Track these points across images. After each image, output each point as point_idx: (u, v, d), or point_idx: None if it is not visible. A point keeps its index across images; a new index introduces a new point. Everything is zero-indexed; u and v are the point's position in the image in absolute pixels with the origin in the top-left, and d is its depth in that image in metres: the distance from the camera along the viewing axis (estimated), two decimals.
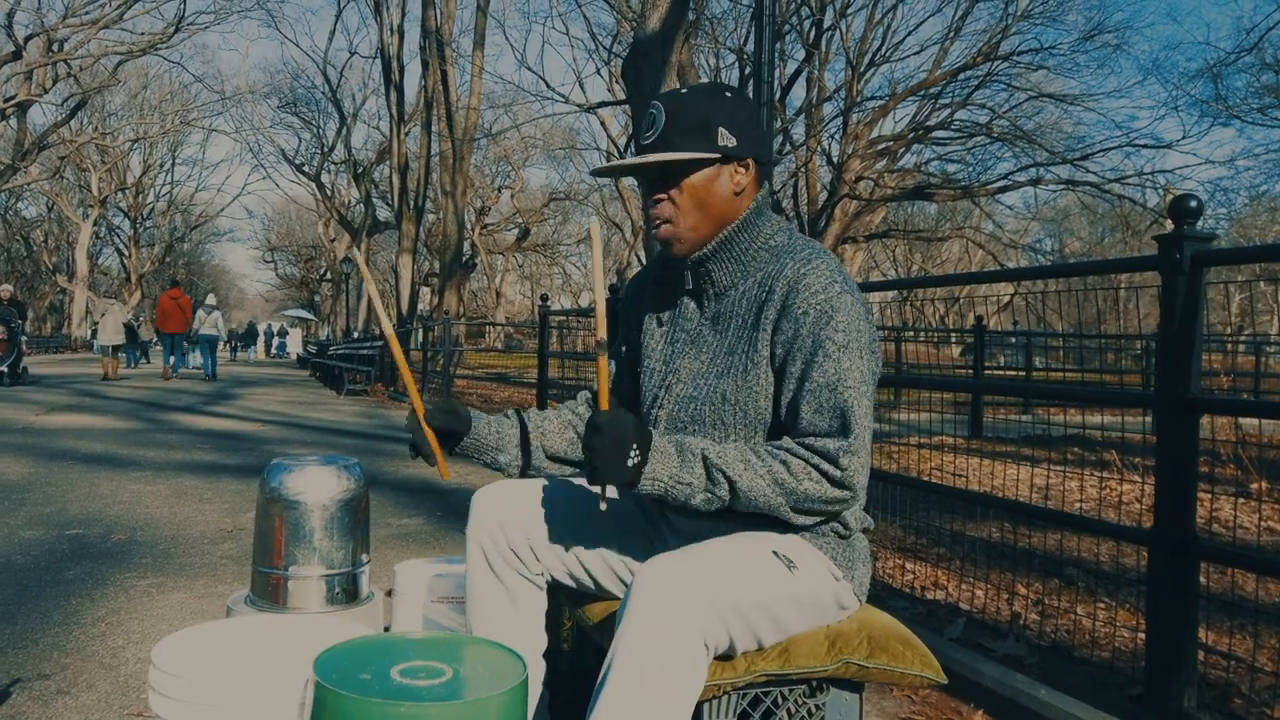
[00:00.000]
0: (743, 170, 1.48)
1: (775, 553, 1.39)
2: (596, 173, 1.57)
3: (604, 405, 1.32)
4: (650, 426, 1.52)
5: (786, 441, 1.37)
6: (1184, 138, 23.61)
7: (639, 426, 1.30)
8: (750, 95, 1.49)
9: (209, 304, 17.56)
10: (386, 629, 2.16)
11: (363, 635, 1.31)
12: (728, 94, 1.49)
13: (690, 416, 1.48)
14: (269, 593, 2.00)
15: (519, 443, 1.62)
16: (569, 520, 1.59)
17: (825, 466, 1.33)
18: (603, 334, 1.30)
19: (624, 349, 1.72)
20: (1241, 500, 4.77)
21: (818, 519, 1.40)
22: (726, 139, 1.45)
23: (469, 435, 1.58)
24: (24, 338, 14.05)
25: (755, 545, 1.39)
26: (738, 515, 1.40)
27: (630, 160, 1.48)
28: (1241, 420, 5.27)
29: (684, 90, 1.49)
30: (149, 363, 23.54)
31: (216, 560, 3.61)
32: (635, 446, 1.28)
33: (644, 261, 17.47)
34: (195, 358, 19.44)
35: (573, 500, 1.62)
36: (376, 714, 1.04)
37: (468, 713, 1.07)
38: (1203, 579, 2.39)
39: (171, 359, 16.46)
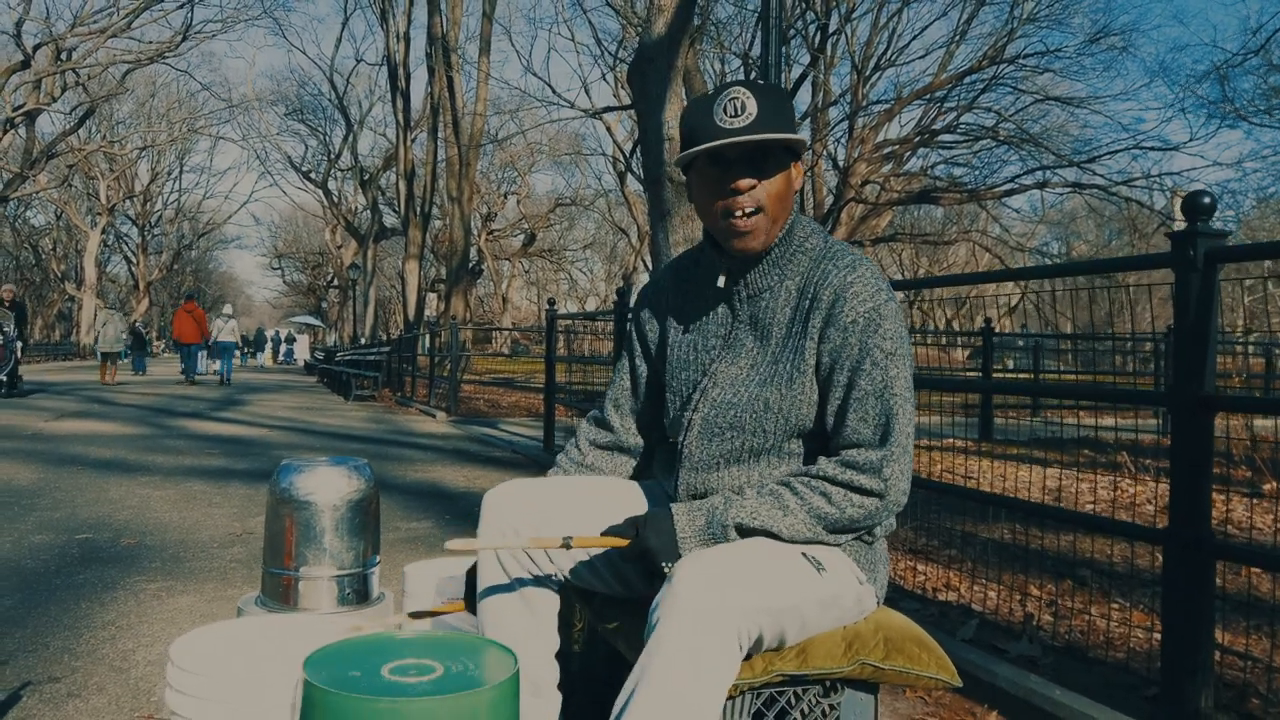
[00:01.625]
0: (799, 170, 1.46)
1: (804, 555, 1.38)
2: (686, 156, 1.42)
3: (618, 544, 1.41)
4: (682, 432, 1.52)
5: (824, 465, 1.37)
6: (1191, 140, 23.41)
7: (659, 536, 1.35)
8: None
9: (226, 313, 18.61)
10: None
11: (355, 635, 1.30)
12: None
13: (729, 423, 1.46)
14: (280, 593, 2.00)
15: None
16: (581, 520, 1.58)
17: (864, 482, 1.34)
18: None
19: (640, 363, 1.69)
20: (1255, 501, 4.74)
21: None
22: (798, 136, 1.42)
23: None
24: (19, 344, 12.47)
25: (785, 547, 1.39)
26: None
27: (761, 135, 1.35)
28: (1254, 421, 5.24)
29: (759, 80, 1.49)
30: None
31: (226, 564, 3.61)
32: (665, 564, 1.34)
33: (650, 267, 17.41)
34: (212, 364, 20.66)
35: (585, 500, 1.61)
36: (361, 710, 1.04)
37: (451, 706, 1.06)
38: (1218, 580, 2.37)
39: (191, 365, 17.22)
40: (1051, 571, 3.45)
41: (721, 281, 1.51)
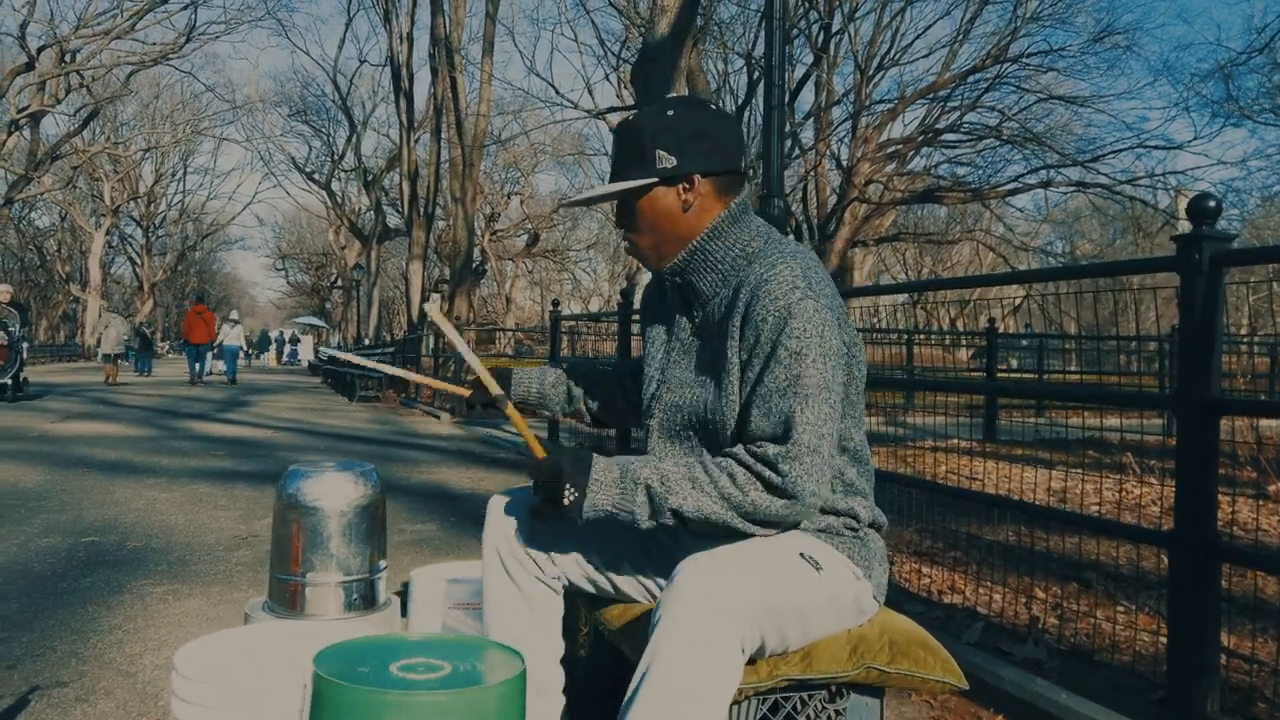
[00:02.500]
0: (688, 187, 1.46)
1: (802, 554, 1.38)
2: (565, 204, 1.70)
3: (537, 452, 1.47)
4: (645, 434, 1.56)
5: (735, 450, 1.38)
6: (1195, 139, 23.40)
7: (574, 465, 1.38)
8: (708, 103, 1.53)
9: (233, 318, 19.48)
10: None
11: (366, 635, 1.31)
12: (670, 111, 1.47)
13: (680, 424, 1.50)
14: (286, 599, 2.00)
15: (563, 400, 1.82)
16: (586, 524, 1.58)
17: (766, 474, 1.33)
18: (496, 389, 1.66)
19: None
20: (1261, 503, 4.73)
21: (778, 529, 1.40)
22: (665, 160, 1.45)
23: (513, 402, 1.76)
24: (25, 344, 12.06)
25: (783, 548, 1.39)
26: None
27: (580, 197, 1.62)
28: (1260, 422, 5.22)
29: (631, 117, 1.53)
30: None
31: (232, 567, 3.62)
32: (569, 487, 1.37)
33: None
34: (218, 365, 21.22)
35: None
36: (369, 702, 1.05)
37: (457, 701, 1.07)
38: (1223, 582, 2.37)
39: (197, 366, 17.58)
40: (1057, 574, 3.45)
41: (678, 292, 1.57)
